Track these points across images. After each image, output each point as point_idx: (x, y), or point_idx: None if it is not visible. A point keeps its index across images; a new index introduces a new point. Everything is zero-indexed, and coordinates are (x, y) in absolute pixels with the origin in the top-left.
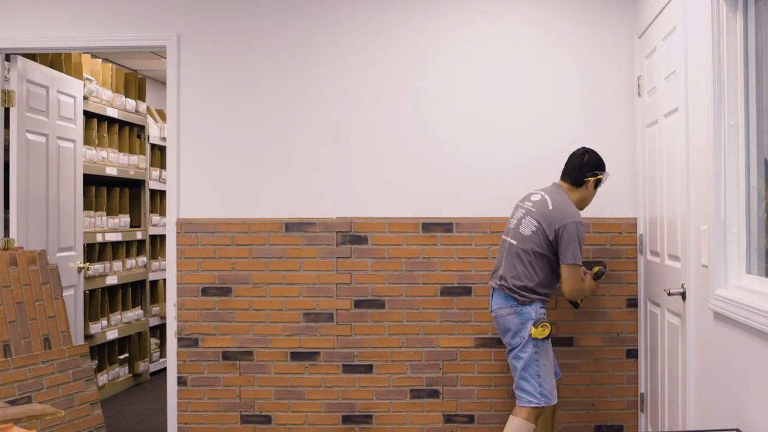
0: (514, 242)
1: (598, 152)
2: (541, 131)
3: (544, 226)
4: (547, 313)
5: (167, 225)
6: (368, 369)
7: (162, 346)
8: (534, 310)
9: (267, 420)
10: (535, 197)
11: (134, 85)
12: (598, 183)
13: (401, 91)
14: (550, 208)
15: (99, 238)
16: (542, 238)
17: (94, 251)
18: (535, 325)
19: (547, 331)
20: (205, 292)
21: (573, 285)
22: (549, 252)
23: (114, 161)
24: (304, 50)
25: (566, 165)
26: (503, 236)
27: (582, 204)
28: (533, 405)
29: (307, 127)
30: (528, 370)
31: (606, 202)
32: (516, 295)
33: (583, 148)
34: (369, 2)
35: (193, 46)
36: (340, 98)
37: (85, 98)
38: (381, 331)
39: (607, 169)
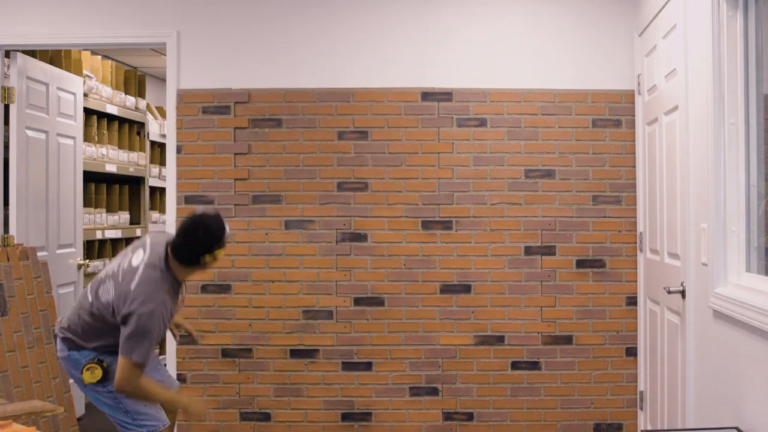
0: (90, 299)
1: (218, 219)
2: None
3: (114, 304)
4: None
5: (167, 222)
6: (368, 366)
7: (162, 344)
8: (82, 356)
9: (266, 417)
10: (136, 259)
11: (134, 82)
12: (207, 263)
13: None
14: (132, 287)
15: (99, 235)
16: (115, 310)
17: (93, 248)
18: (83, 370)
19: (99, 372)
20: (204, 289)
21: (122, 380)
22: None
23: (114, 158)
24: (304, 50)
25: (178, 236)
26: (100, 275)
27: (185, 276)
28: None
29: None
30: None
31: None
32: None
33: (200, 220)
34: (372, 4)
35: (193, 43)
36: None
37: (85, 95)
38: (380, 329)
39: (212, 255)
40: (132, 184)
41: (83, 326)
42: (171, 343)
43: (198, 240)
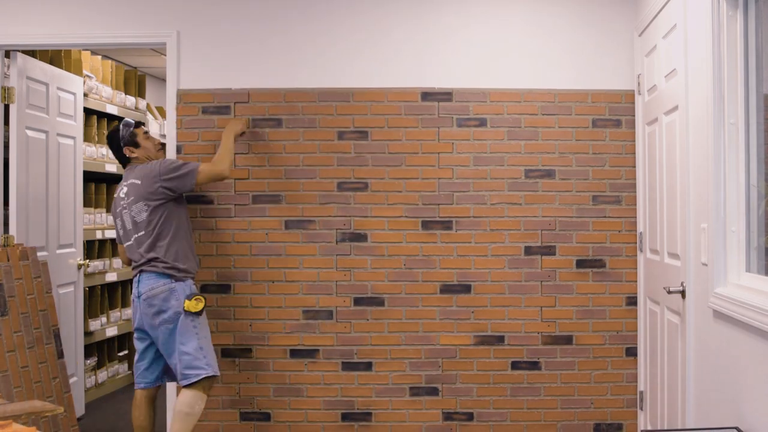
0: (142, 233)
1: (114, 127)
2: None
3: (150, 196)
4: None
5: None
6: (368, 366)
7: None
8: (188, 286)
9: (266, 417)
10: (122, 192)
11: (134, 82)
12: (133, 143)
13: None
14: (140, 182)
15: (99, 235)
16: (160, 201)
17: (93, 248)
18: (189, 298)
19: (201, 305)
20: (204, 289)
21: (212, 172)
22: (174, 206)
23: (114, 158)
24: (304, 50)
25: (116, 158)
26: (126, 242)
27: (153, 155)
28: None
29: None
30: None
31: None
32: (169, 273)
33: (108, 136)
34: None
35: (193, 43)
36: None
37: (85, 95)
38: (380, 329)
39: (125, 127)
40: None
41: (157, 254)
42: None
43: (113, 144)
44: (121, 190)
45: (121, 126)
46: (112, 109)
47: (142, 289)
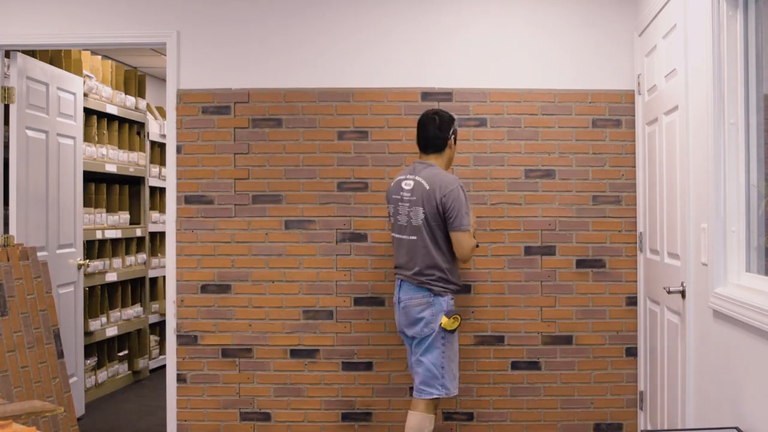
0: (414, 238)
1: (444, 110)
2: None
3: (427, 207)
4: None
5: (167, 222)
6: (368, 366)
7: (161, 343)
8: (446, 302)
9: (266, 417)
10: (407, 185)
11: (134, 82)
12: (455, 138)
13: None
14: (428, 187)
15: (99, 235)
16: (434, 219)
17: (93, 248)
18: (448, 315)
19: (457, 324)
20: (204, 289)
21: (465, 249)
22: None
23: (114, 158)
24: (304, 50)
25: (422, 137)
26: (397, 235)
27: (449, 164)
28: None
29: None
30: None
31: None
32: (432, 286)
33: (430, 111)
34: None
35: (193, 43)
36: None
37: (85, 95)
38: (380, 329)
39: (457, 120)
40: (132, 184)
41: (429, 262)
42: (171, 343)
43: (437, 124)
44: (405, 181)
45: (456, 117)
46: (112, 109)
47: (401, 296)
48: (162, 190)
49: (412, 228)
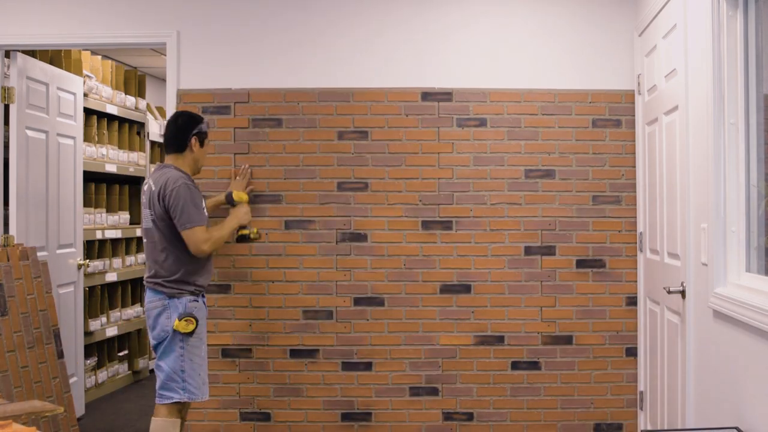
0: (147, 241)
1: (188, 111)
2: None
3: (155, 209)
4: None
5: None
6: (367, 366)
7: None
8: (182, 304)
9: (266, 417)
10: (145, 188)
11: (134, 82)
12: (202, 139)
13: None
14: (154, 188)
15: (99, 235)
16: (162, 220)
17: (93, 248)
18: (179, 318)
19: (191, 327)
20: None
21: (198, 246)
22: (175, 231)
23: (114, 158)
24: (304, 50)
25: (164, 137)
26: (144, 239)
27: (195, 166)
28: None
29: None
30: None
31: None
32: (165, 288)
33: (174, 113)
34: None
35: (193, 43)
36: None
37: (85, 95)
38: (380, 329)
39: (205, 124)
40: (132, 184)
41: (162, 264)
42: None
43: (177, 125)
44: (145, 184)
45: (203, 119)
46: (112, 109)
47: (146, 301)
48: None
49: (146, 231)
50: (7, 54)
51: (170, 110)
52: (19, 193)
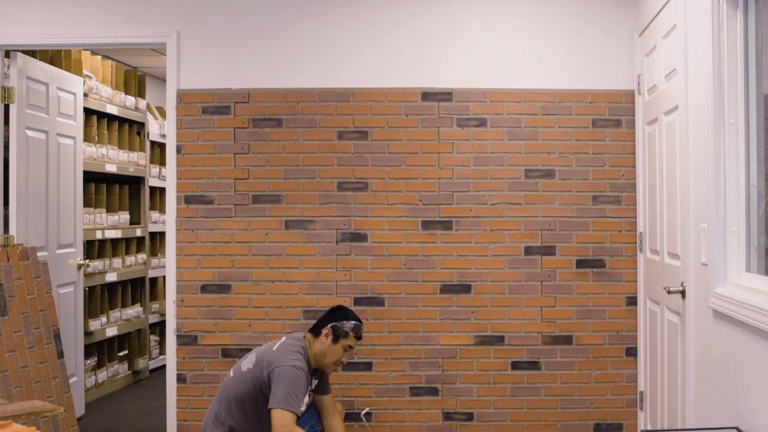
0: (231, 374)
1: (348, 309)
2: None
3: (256, 368)
4: None
5: (167, 222)
6: (367, 366)
7: (161, 343)
8: None
9: None
10: (275, 342)
11: (134, 82)
12: (337, 337)
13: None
14: (274, 349)
15: (99, 235)
16: (256, 378)
17: (93, 248)
18: None
19: None
20: (204, 289)
21: (275, 424)
22: (260, 395)
23: (114, 158)
24: (304, 50)
25: (323, 321)
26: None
27: (320, 360)
28: None
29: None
30: None
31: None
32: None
33: (339, 305)
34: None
35: (193, 43)
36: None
37: (85, 95)
38: (380, 329)
39: (351, 325)
40: (132, 184)
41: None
42: (171, 343)
43: (334, 312)
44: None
45: (355, 323)
46: (112, 109)
47: None
48: (162, 190)
49: (236, 368)
50: (7, 54)
51: (170, 110)
52: (19, 193)
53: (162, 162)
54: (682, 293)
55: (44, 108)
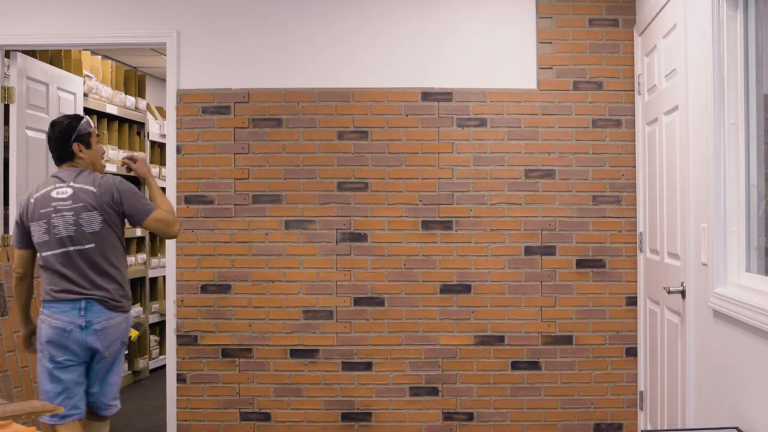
0: (93, 245)
1: (67, 115)
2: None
3: (105, 208)
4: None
5: None
6: (367, 366)
7: (161, 343)
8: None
9: (266, 417)
10: (62, 193)
11: (134, 82)
12: (87, 141)
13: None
14: (95, 191)
15: None
16: (114, 223)
17: None
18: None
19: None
20: (204, 289)
21: (174, 227)
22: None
23: (114, 158)
24: (304, 49)
25: (54, 151)
26: (55, 251)
27: (98, 168)
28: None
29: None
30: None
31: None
32: (120, 304)
33: (51, 122)
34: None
35: (193, 43)
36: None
37: (85, 95)
38: (380, 329)
39: (83, 124)
40: (132, 184)
41: (118, 273)
42: (171, 343)
43: (65, 132)
44: (57, 191)
45: (78, 119)
46: (112, 109)
47: (92, 318)
48: (162, 190)
49: (82, 235)
50: (7, 54)
51: (170, 110)
52: (19, 193)
53: (162, 162)
54: (682, 293)
55: (44, 108)
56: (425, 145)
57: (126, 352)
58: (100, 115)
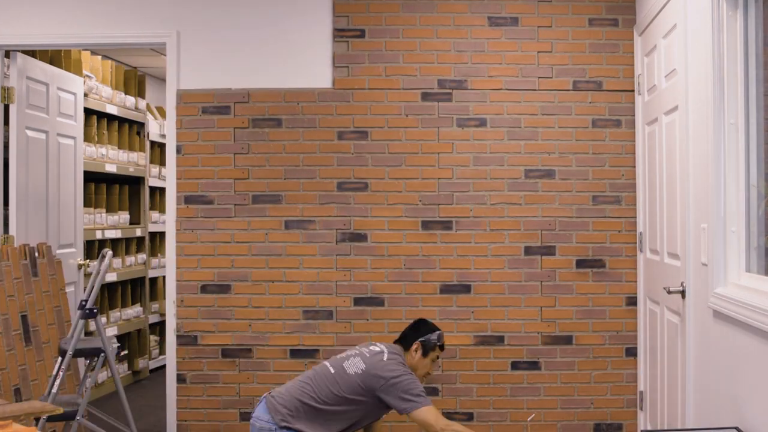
0: (332, 371)
1: (431, 322)
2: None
3: (370, 372)
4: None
5: (167, 222)
6: None
7: (161, 344)
8: None
9: None
10: (375, 348)
11: (134, 82)
12: (426, 350)
13: None
14: (385, 359)
15: (99, 235)
16: (361, 386)
17: (93, 248)
18: None
19: None
20: (204, 289)
21: (438, 422)
22: (362, 399)
23: (114, 158)
24: (304, 49)
25: (409, 332)
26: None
27: (420, 372)
28: None
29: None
30: None
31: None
32: (280, 416)
33: (419, 319)
34: None
35: (193, 43)
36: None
37: (85, 95)
38: (380, 329)
39: (437, 337)
40: (132, 184)
41: (302, 407)
42: (171, 343)
43: (419, 326)
44: (375, 347)
45: (438, 334)
46: (112, 109)
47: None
48: (162, 190)
49: (337, 365)
50: (7, 54)
51: (170, 110)
52: (19, 193)
53: (162, 162)
54: (682, 293)
55: (44, 108)
56: (425, 145)
57: (126, 351)
58: (100, 115)
